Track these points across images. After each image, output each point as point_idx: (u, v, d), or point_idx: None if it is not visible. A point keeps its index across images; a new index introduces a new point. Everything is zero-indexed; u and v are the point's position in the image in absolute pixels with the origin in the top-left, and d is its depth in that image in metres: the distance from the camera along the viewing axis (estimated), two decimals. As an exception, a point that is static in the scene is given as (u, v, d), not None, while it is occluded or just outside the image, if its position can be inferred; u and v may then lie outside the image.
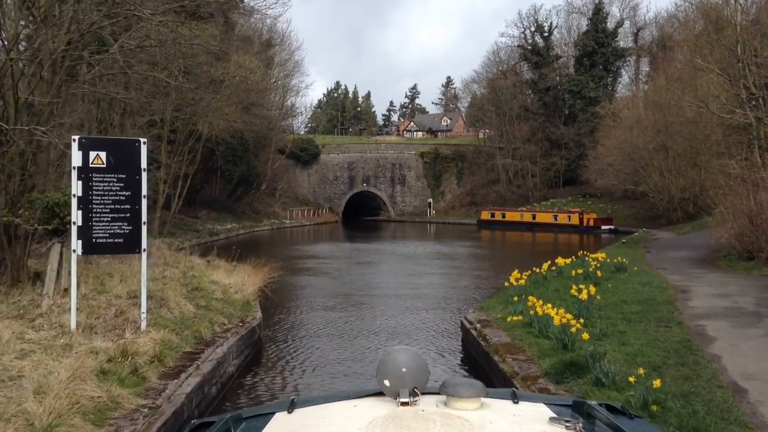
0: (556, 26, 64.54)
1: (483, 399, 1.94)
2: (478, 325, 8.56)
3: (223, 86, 30.77)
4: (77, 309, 7.42)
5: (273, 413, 2.03)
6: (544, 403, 2.01)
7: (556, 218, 47.61)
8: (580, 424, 1.73)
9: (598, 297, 8.56)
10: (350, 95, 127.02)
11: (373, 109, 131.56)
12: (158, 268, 12.56)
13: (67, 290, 8.09)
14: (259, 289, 12.07)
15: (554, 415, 1.84)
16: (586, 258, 16.10)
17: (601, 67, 61.17)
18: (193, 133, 31.28)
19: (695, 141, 39.06)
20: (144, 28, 27.16)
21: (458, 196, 67.91)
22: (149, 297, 9.10)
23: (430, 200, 67.88)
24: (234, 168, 47.58)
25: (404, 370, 2.00)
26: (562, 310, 6.79)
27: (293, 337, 10.61)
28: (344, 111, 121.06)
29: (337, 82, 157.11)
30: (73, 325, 7.17)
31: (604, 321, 8.20)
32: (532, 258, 27.66)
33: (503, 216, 52.48)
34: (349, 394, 2.16)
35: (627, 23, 63.11)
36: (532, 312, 7.88)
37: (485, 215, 54.40)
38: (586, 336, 6.06)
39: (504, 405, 1.96)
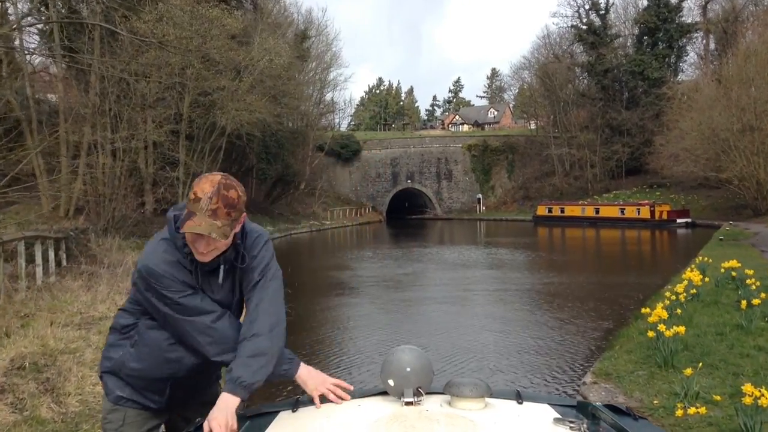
0: (612, 3, 59.18)
1: (487, 399, 1.90)
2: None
3: (246, 73, 27.34)
4: None
5: (277, 412, 1.97)
6: (549, 404, 1.93)
7: (623, 212, 42.65)
8: (585, 425, 1.68)
9: None
10: (393, 91, 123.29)
11: (416, 104, 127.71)
12: (118, 300, 8.98)
13: None
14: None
15: (558, 416, 1.78)
16: (711, 266, 11.88)
17: (664, 45, 55.78)
18: (215, 128, 27.92)
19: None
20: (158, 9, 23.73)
21: (509, 190, 63.23)
22: (44, 367, 5.42)
23: (479, 196, 63.39)
24: (268, 167, 44.33)
25: (408, 369, 1.96)
26: None
27: None
28: (387, 107, 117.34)
29: (380, 78, 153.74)
30: None
31: None
32: (612, 264, 23.20)
33: (562, 211, 47.75)
34: (353, 394, 2.11)
35: (693, -5, 57.33)
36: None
37: (542, 210, 49.74)
38: None
39: (508, 405, 1.92)
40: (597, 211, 45.00)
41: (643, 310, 6.81)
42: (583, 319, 11.24)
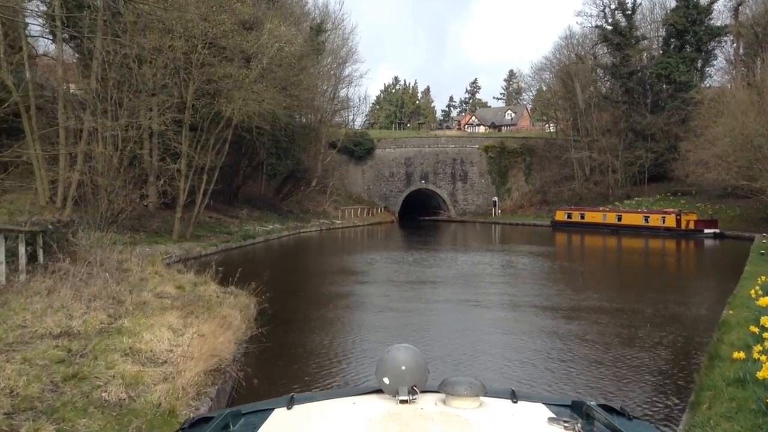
0: (639, 3, 57.16)
1: (482, 398, 1.87)
2: None
3: (255, 60, 25.88)
4: None
5: (272, 409, 1.97)
6: (543, 403, 1.92)
7: (647, 220, 40.77)
8: (579, 425, 1.67)
9: None
10: (410, 90, 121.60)
11: (432, 104, 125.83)
12: (74, 311, 7.48)
13: None
14: (228, 360, 6.70)
15: (553, 415, 1.77)
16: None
17: (692, 48, 53.70)
18: (220, 118, 26.43)
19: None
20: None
21: (527, 194, 61.37)
22: None
23: (495, 199, 61.56)
24: (278, 162, 42.89)
25: (403, 368, 1.93)
26: None
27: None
28: (402, 107, 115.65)
29: (396, 78, 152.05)
30: None
31: None
32: (644, 278, 21.50)
33: (582, 217, 45.95)
34: (348, 392, 2.11)
35: (723, -3, 55.21)
36: None
37: (560, 216, 47.97)
38: None
39: (503, 404, 1.90)
40: (619, 218, 43.18)
41: (735, 355, 5.18)
42: (630, 355, 9.50)
